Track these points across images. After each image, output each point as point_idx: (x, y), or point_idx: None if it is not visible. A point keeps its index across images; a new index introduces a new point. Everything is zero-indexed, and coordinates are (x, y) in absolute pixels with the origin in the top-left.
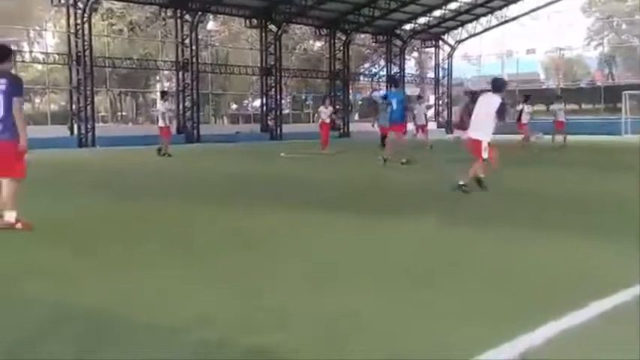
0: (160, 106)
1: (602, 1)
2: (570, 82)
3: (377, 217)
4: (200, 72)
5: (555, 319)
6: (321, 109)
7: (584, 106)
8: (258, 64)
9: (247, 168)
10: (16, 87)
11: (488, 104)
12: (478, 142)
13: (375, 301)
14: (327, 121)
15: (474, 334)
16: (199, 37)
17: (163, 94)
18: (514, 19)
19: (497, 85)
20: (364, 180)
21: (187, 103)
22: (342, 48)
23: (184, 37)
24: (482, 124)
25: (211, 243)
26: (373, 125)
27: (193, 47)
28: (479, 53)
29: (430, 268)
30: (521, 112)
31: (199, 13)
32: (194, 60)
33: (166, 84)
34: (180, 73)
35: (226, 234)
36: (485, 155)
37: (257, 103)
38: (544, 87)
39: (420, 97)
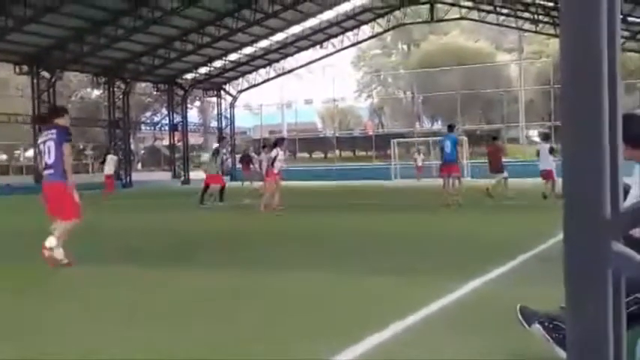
0: None
1: (370, 56)
2: (345, 130)
3: (166, 268)
4: None
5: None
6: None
7: (358, 153)
8: (30, 113)
9: (17, 222)
10: (64, 135)
11: None
12: None
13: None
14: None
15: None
16: None
17: None
18: (291, 71)
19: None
20: (153, 229)
21: None
22: (121, 96)
23: None
24: None
25: None
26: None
27: None
28: (260, 103)
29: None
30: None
31: None
32: None
33: None
34: None
35: None
36: None
37: (30, 153)
38: (321, 135)
39: (264, 146)
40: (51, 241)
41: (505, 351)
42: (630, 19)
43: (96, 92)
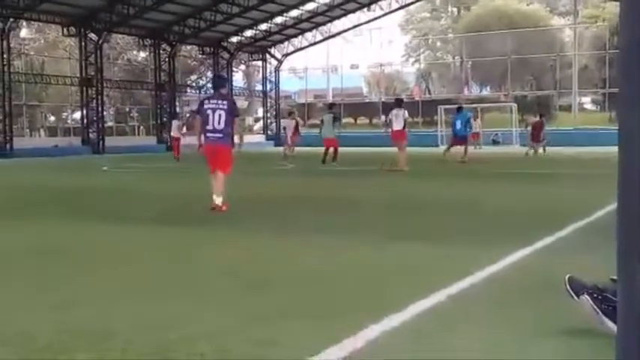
0: None
1: (418, 19)
2: (391, 96)
3: (205, 229)
4: (12, 82)
5: (376, 321)
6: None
7: None
8: (78, 75)
9: (62, 181)
10: (235, 110)
11: None
12: None
13: (202, 308)
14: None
15: (301, 333)
16: (11, 45)
17: None
18: (337, 34)
19: None
20: (194, 193)
21: None
22: (167, 59)
23: None
24: None
25: (20, 257)
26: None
27: (5, 55)
28: (305, 67)
29: (263, 275)
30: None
31: (11, 20)
32: (5, 69)
33: None
34: None
35: (37, 247)
36: None
37: (77, 115)
38: (367, 101)
39: (290, 112)
40: (218, 194)
41: (551, 322)
42: None
43: (142, 54)
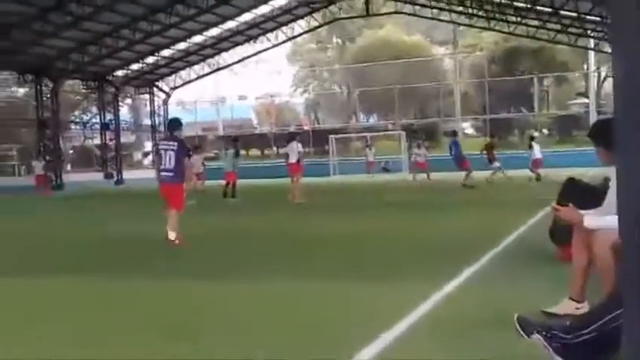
0: None
1: (305, 50)
2: (281, 127)
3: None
4: None
5: None
6: None
7: None
8: None
9: None
10: (184, 149)
11: None
12: None
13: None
14: None
15: None
16: None
17: None
18: (225, 67)
19: None
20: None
21: None
22: (50, 95)
23: None
24: None
25: None
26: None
27: None
28: (194, 100)
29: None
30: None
31: None
32: None
33: None
34: None
35: None
36: None
37: None
38: (257, 132)
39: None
40: (171, 229)
41: (493, 353)
42: (562, 12)
43: (21, 91)
